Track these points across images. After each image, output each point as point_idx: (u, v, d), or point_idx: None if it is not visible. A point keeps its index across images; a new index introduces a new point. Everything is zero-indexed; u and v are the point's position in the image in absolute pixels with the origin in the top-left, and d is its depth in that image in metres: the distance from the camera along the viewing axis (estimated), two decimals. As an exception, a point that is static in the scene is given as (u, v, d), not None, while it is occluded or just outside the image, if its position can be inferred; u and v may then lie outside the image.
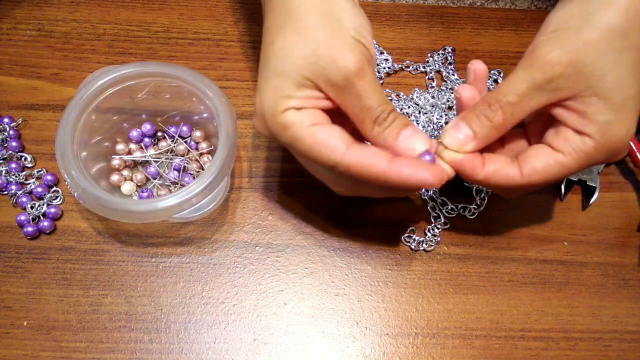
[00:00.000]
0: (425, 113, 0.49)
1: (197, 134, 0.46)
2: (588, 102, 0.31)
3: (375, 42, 0.51)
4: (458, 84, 0.50)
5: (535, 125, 0.36)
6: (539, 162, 0.33)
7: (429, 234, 0.44)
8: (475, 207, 0.45)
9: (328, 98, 0.34)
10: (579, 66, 0.31)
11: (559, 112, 0.33)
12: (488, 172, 0.34)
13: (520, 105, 0.32)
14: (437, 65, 0.51)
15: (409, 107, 0.49)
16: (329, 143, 0.32)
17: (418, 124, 0.48)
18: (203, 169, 0.45)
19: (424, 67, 0.51)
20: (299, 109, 0.33)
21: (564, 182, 0.45)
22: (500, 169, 0.34)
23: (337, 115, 0.35)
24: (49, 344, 0.39)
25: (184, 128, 0.46)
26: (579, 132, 0.32)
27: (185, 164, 0.45)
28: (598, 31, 0.31)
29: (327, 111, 0.34)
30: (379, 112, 0.33)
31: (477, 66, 0.36)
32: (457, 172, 0.34)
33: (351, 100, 0.33)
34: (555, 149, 0.33)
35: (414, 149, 0.33)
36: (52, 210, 0.43)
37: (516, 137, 0.38)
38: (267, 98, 0.34)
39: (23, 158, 0.45)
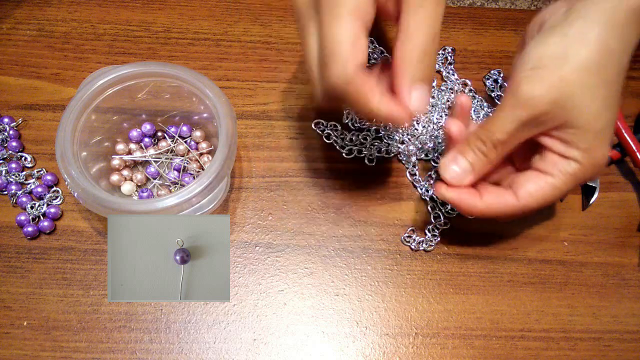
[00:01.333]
0: (425, 113, 0.49)
1: (197, 134, 0.46)
2: (570, 132, 0.34)
3: (375, 42, 0.51)
4: (458, 84, 0.50)
5: (520, 151, 0.38)
6: (532, 186, 0.36)
7: (429, 234, 0.44)
8: (475, 207, 0.45)
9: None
10: (560, 102, 0.33)
11: (544, 139, 0.36)
12: (486, 202, 0.36)
13: (510, 142, 0.36)
14: (437, 65, 0.51)
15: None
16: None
17: (418, 123, 0.48)
18: (203, 169, 0.45)
19: (424, 67, 0.51)
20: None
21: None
22: (497, 197, 0.37)
23: None
24: (49, 344, 0.40)
25: (184, 128, 0.46)
26: (564, 156, 0.35)
27: (185, 164, 0.45)
28: (575, 68, 0.33)
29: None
30: (423, 49, 0.33)
31: (463, 100, 0.38)
32: (457, 207, 0.37)
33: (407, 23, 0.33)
34: (544, 172, 0.36)
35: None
36: (52, 210, 0.43)
37: (503, 163, 0.40)
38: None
39: (23, 158, 0.45)
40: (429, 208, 0.45)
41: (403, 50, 0.33)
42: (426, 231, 0.44)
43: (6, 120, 0.46)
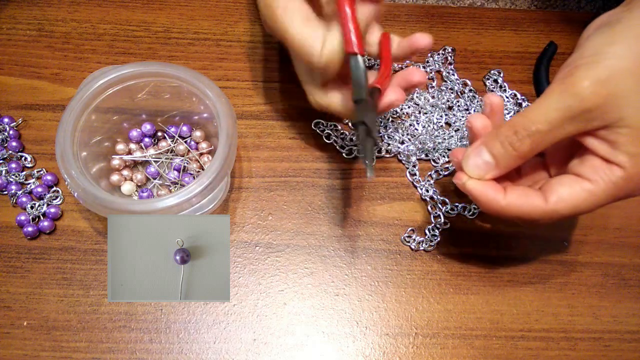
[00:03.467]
0: (426, 113, 0.49)
1: (197, 134, 0.46)
2: (619, 133, 0.31)
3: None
4: (458, 83, 0.50)
5: (556, 154, 0.35)
6: (566, 190, 0.32)
7: (429, 234, 0.44)
8: (475, 207, 0.45)
9: None
10: (616, 97, 0.30)
11: (587, 140, 0.32)
12: (510, 199, 0.33)
13: (550, 134, 0.31)
14: (437, 65, 0.51)
15: (409, 107, 0.49)
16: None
17: (418, 123, 0.48)
18: (203, 169, 0.45)
19: (424, 67, 0.51)
20: None
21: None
22: (522, 196, 0.33)
23: None
24: (49, 344, 0.39)
25: (184, 128, 0.46)
26: (607, 161, 0.31)
27: (185, 164, 0.45)
28: (637, 64, 0.30)
29: None
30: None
31: (494, 100, 0.35)
32: (476, 200, 0.34)
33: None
34: (582, 176, 0.32)
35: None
36: (52, 210, 0.43)
37: (535, 167, 0.37)
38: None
39: (23, 158, 0.45)
40: (429, 208, 0.45)
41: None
42: (426, 231, 0.44)
43: (6, 120, 0.46)
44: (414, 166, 0.46)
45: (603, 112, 0.30)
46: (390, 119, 0.48)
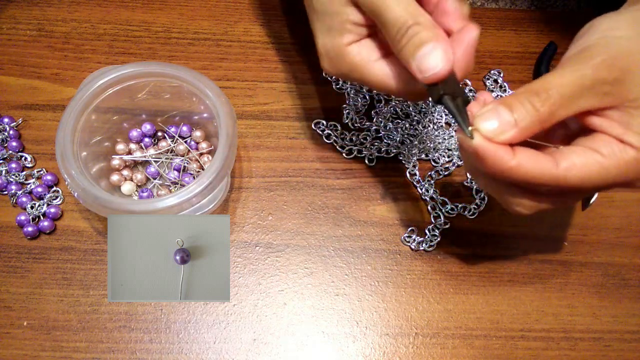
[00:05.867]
0: (425, 113, 0.49)
1: (197, 134, 0.46)
2: (632, 114, 0.30)
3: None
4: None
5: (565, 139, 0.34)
6: (578, 158, 0.30)
7: (429, 234, 0.44)
8: (475, 207, 0.45)
9: (370, 22, 0.34)
10: (631, 75, 0.29)
11: (597, 121, 0.31)
12: (519, 160, 0.29)
13: (570, 101, 0.29)
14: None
15: (409, 107, 0.49)
16: (389, 77, 0.35)
17: (419, 123, 0.48)
18: (203, 169, 0.45)
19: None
20: (356, 41, 0.35)
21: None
22: (533, 159, 0.30)
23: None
24: (49, 344, 0.39)
25: (184, 128, 0.46)
26: (621, 140, 0.30)
27: (185, 164, 0.45)
28: None
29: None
30: (397, 27, 0.31)
31: (487, 97, 0.34)
32: (483, 159, 0.30)
33: (376, 16, 0.33)
34: (595, 150, 0.30)
35: (429, 70, 0.31)
36: (52, 210, 0.43)
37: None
38: (326, 40, 0.36)
39: (23, 158, 0.45)
40: (429, 208, 0.45)
41: None
42: (426, 231, 0.44)
43: (6, 120, 0.46)
44: (414, 166, 0.46)
45: (619, 86, 0.29)
46: (390, 118, 0.48)
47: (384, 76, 0.35)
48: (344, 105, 0.49)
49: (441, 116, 0.48)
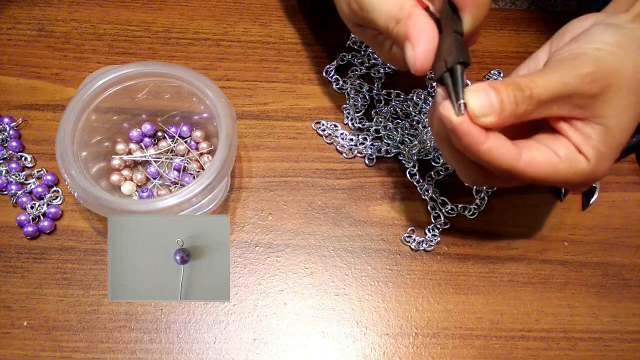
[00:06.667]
0: (425, 113, 0.49)
1: (197, 134, 0.46)
2: (595, 129, 0.32)
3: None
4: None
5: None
6: (539, 155, 0.32)
7: (429, 234, 0.44)
8: (475, 207, 0.45)
9: None
10: (608, 94, 0.31)
11: (563, 127, 0.33)
12: (491, 144, 0.31)
13: (545, 106, 0.31)
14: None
15: (409, 107, 0.49)
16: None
17: (419, 123, 0.48)
18: (203, 169, 0.45)
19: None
20: None
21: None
22: (503, 145, 0.31)
23: None
24: (49, 344, 0.39)
25: (184, 128, 0.46)
26: (578, 149, 0.32)
27: (185, 164, 0.45)
28: (634, 72, 0.31)
29: None
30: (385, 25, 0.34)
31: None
32: (460, 137, 0.31)
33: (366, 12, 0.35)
34: (553, 150, 0.33)
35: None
36: (52, 210, 0.43)
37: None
38: None
39: (23, 158, 0.45)
40: (429, 208, 0.45)
41: None
42: (426, 231, 0.44)
43: (6, 120, 0.46)
44: (414, 166, 0.46)
45: (593, 102, 0.31)
46: (390, 118, 0.48)
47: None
48: (344, 105, 0.49)
49: (441, 116, 0.48)
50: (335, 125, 0.48)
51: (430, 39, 0.33)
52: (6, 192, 0.44)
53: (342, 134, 0.47)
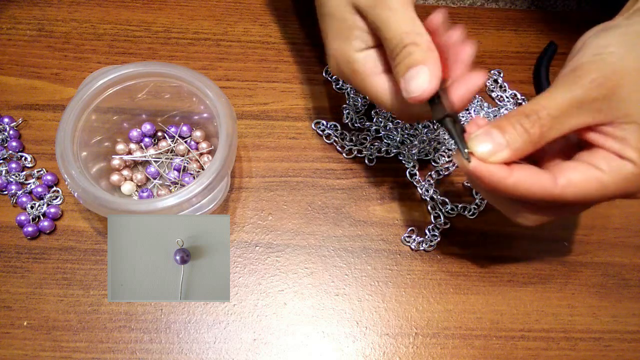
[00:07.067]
0: (425, 113, 0.49)
1: (197, 134, 0.46)
2: (627, 129, 0.30)
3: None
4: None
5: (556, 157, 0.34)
6: (577, 174, 0.31)
7: (429, 234, 0.44)
8: (475, 207, 0.45)
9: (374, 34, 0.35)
10: (622, 92, 0.30)
11: (596, 137, 0.31)
12: (517, 177, 0.31)
13: (560, 122, 0.30)
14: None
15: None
16: (386, 93, 0.36)
17: (419, 123, 0.48)
18: (203, 169, 0.45)
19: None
20: (365, 49, 0.36)
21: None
22: (531, 175, 0.31)
23: None
24: (49, 344, 0.39)
25: (184, 128, 0.46)
26: (619, 155, 0.31)
27: (185, 164, 0.45)
28: (637, 62, 0.30)
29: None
30: (394, 45, 0.33)
31: (479, 122, 0.34)
32: (480, 179, 0.31)
33: (377, 30, 0.34)
34: (594, 165, 0.31)
35: (413, 92, 0.32)
36: (52, 210, 0.43)
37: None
38: (334, 43, 0.37)
39: (23, 158, 0.45)
40: (429, 208, 0.45)
41: None
42: (426, 231, 0.44)
43: (6, 120, 0.46)
44: (414, 166, 0.46)
45: (609, 104, 0.30)
46: (390, 118, 0.48)
47: (382, 90, 0.36)
48: (344, 105, 0.49)
49: (441, 116, 0.48)
50: (335, 125, 0.48)
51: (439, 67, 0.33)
52: (6, 192, 0.44)
53: (342, 134, 0.47)
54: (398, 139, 0.47)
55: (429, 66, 0.32)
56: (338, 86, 0.50)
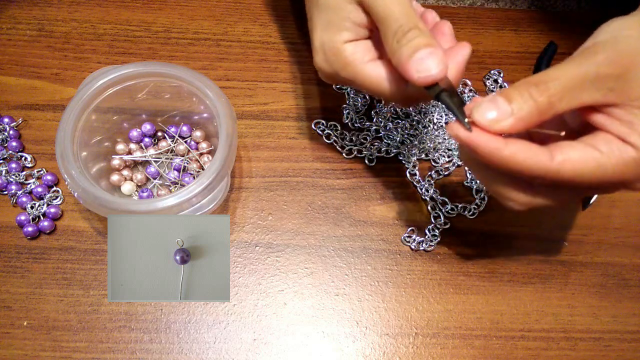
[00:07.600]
0: (425, 113, 0.49)
1: (197, 134, 0.46)
2: (636, 113, 0.29)
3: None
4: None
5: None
6: (575, 153, 0.30)
7: (429, 234, 0.44)
8: (475, 207, 0.45)
9: (370, 26, 0.35)
10: (636, 72, 0.29)
11: (601, 119, 0.30)
12: (513, 150, 0.29)
13: (570, 94, 0.29)
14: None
15: (409, 107, 0.49)
16: (382, 79, 0.35)
17: (419, 123, 0.48)
18: (203, 169, 0.45)
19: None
20: (353, 40, 0.35)
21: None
22: (527, 150, 0.30)
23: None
24: (49, 344, 0.39)
25: (184, 128, 0.46)
26: (623, 140, 0.30)
27: (185, 164, 0.45)
28: None
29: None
30: (396, 28, 0.33)
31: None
32: (474, 149, 0.30)
33: (376, 15, 0.33)
34: (594, 147, 0.30)
35: (425, 71, 0.32)
36: (52, 210, 0.43)
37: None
38: (324, 35, 0.36)
39: (23, 158, 0.45)
40: (429, 208, 0.45)
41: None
42: (426, 231, 0.44)
43: (6, 120, 0.46)
44: (414, 166, 0.46)
45: (622, 84, 0.29)
46: (390, 118, 0.48)
47: (376, 77, 0.35)
48: (344, 105, 0.49)
49: (441, 116, 0.48)
50: (335, 125, 0.48)
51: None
52: (6, 192, 0.44)
53: (342, 134, 0.47)
54: (398, 139, 0.47)
55: (437, 48, 0.32)
56: (338, 86, 0.50)
